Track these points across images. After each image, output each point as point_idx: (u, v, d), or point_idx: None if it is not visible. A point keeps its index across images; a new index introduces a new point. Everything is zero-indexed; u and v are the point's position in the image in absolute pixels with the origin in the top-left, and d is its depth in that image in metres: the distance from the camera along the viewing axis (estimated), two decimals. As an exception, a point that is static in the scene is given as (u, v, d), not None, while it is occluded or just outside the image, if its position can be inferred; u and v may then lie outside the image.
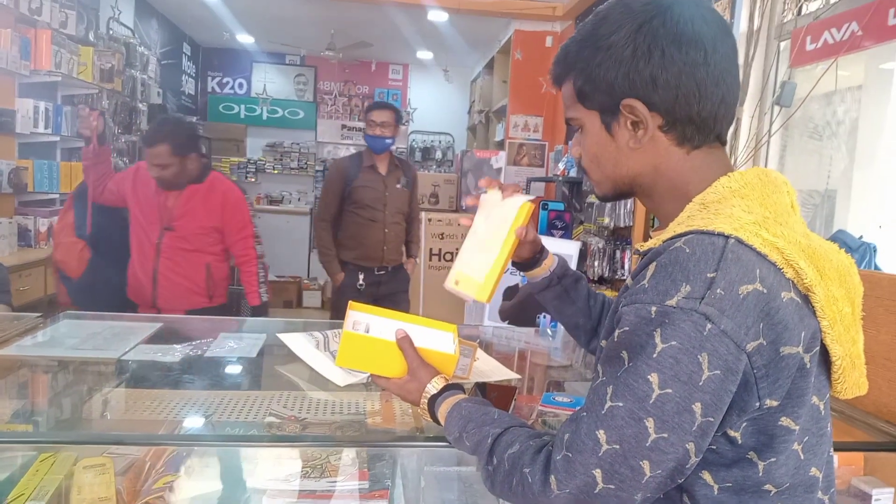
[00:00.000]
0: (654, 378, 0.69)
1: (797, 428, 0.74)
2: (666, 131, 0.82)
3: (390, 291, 3.61)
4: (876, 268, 2.46)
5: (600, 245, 4.09)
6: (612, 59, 0.81)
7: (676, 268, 0.71)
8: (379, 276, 3.58)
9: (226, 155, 7.86)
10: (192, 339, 1.63)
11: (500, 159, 5.32)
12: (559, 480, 0.74)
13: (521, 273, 1.17)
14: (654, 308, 0.70)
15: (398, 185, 3.59)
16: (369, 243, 3.56)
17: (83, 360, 1.53)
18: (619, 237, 4.04)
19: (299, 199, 8.06)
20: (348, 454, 1.20)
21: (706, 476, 0.75)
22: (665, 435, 0.69)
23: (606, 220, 3.98)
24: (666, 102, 0.80)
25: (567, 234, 4.50)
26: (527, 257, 1.15)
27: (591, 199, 4.18)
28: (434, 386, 1.01)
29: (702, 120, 0.81)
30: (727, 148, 0.95)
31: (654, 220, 3.71)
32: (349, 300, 1.23)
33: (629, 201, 3.88)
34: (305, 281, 7.55)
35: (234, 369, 1.54)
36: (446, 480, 1.26)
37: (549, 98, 5.64)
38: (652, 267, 0.73)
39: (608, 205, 4.01)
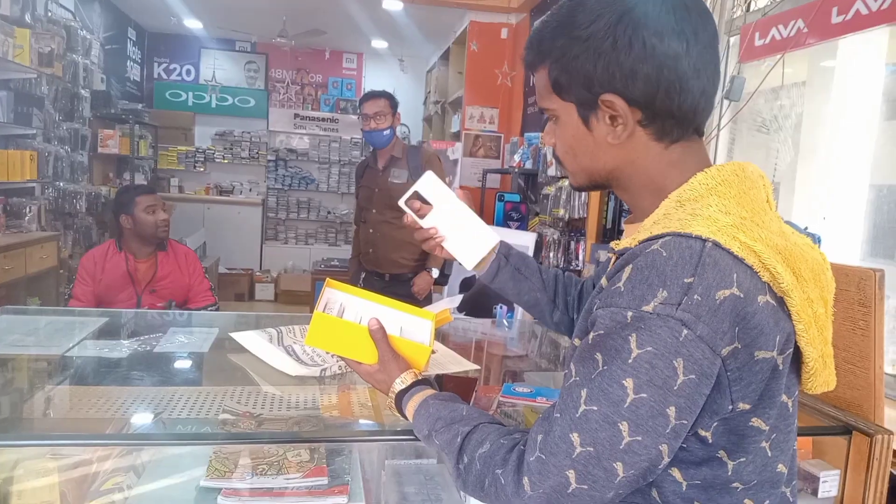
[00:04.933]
0: (628, 383, 0.69)
1: (767, 428, 0.75)
2: (645, 126, 0.80)
3: None
4: (820, 258, 2.53)
5: (555, 236, 4.13)
6: (591, 50, 0.77)
7: (653, 272, 0.70)
8: (375, 282, 3.37)
9: (173, 143, 7.63)
10: (140, 334, 1.57)
11: (456, 150, 5.31)
12: (532, 482, 0.73)
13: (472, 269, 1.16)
14: (630, 313, 0.70)
15: (391, 179, 3.33)
16: (361, 246, 3.46)
17: (24, 357, 1.46)
18: (574, 229, 4.08)
19: (250, 190, 7.89)
20: (306, 450, 1.17)
21: (675, 473, 0.76)
22: (639, 438, 0.69)
23: (561, 212, 4.01)
24: (646, 96, 0.78)
25: (523, 225, 4.52)
26: None
27: (547, 190, 4.21)
28: (402, 382, 0.99)
29: (682, 113, 0.80)
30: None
31: (608, 212, 3.75)
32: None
33: (584, 193, 3.92)
34: (258, 273, 7.41)
35: (184, 364, 1.49)
36: (407, 474, 1.25)
37: (505, 90, 5.65)
38: (628, 270, 0.72)
39: (563, 196, 4.04)
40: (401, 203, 1.12)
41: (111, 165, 6.32)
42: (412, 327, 1.08)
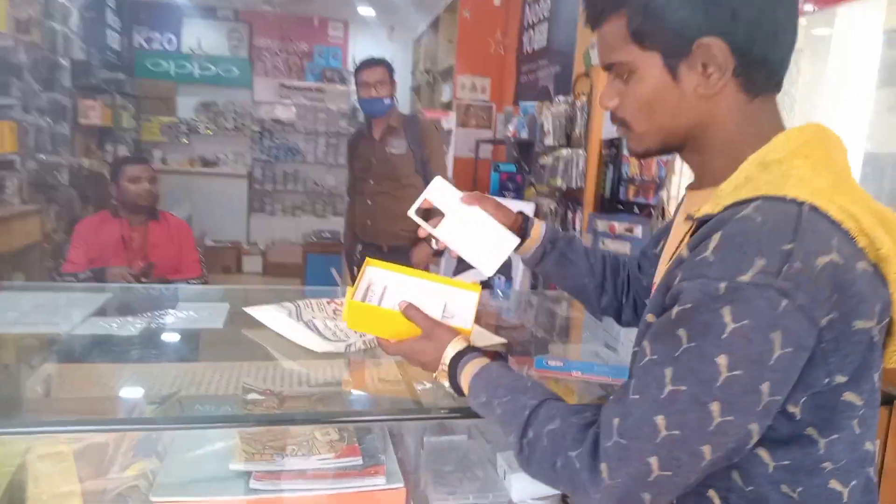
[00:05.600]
0: (722, 360, 0.64)
1: (861, 403, 0.71)
2: (737, 75, 0.74)
3: None
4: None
5: (552, 206, 4.08)
6: None
7: (748, 239, 0.65)
8: (373, 255, 3.24)
9: (155, 114, 7.43)
10: (147, 311, 1.50)
11: (450, 120, 5.21)
12: (611, 468, 0.68)
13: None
14: (723, 284, 0.64)
15: (388, 150, 3.24)
16: (358, 217, 3.38)
17: (26, 335, 1.38)
18: (571, 198, 4.03)
19: (235, 161, 7.73)
20: (335, 429, 1.12)
21: (763, 453, 0.71)
22: (730, 418, 0.65)
23: (559, 182, 3.96)
24: (744, 42, 0.72)
25: (518, 195, 4.47)
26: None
27: (544, 160, 4.15)
28: (455, 347, 0.93)
29: (773, 63, 0.75)
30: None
31: (605, 182, 3.71)
32: (352, 266, 1.16)
33: (581, 161, 3.87)
34: (245, 246, 7.31)
35: (198, 341, 1.42)
36: (440, 451, 1.20)
37: (498, 58, 5.54)
38: (716, 237, 0.67)
39: (561, 166, 3.98)
40: (410, 214, 1.08)
41: (93, 137, 6.13)
42: (457, 301, 1.03)
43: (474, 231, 1.04)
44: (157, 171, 6.80)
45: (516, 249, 1.08)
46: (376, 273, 1.07)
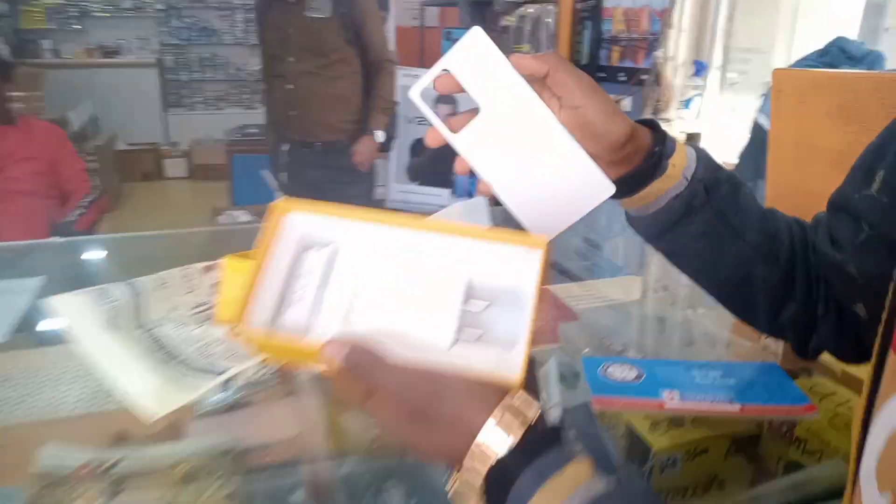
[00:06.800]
0: None
1: None
2: None
3: (321, 179, 2.61)
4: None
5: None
6: None
7: None
8: (304, 155, 2.63)
9: (36, -4, 6.26)
10: None
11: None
12: None
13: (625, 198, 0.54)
14: None
15: (308, 14, 2.47)
16: (279, 107, 2.65)
17: None
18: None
19: (141, 48, 6.66)
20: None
21: None
22: None
23: (526, 48, 3.30)
24: None
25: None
26: (628, 168, 0.51)
27: (507, 21, 3.44)
28: (498, 434, 0.37)
29: None
30: None
31: (582, 44, 3.05)
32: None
33: (552, 20, 3.19)
34: (164, 147, 6.44)
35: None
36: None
37: None
38: None
39: (528, 27, 3.29)
40: (412, 96, 0.49)
41: (-46, 28, 5.06)
42: (498, 273, 0.43)
43: (530, 151, 0.49)
44: (49, 65, 5.82)
45: (623, 195, 0.53)
46: (305, 226, 0.45)
